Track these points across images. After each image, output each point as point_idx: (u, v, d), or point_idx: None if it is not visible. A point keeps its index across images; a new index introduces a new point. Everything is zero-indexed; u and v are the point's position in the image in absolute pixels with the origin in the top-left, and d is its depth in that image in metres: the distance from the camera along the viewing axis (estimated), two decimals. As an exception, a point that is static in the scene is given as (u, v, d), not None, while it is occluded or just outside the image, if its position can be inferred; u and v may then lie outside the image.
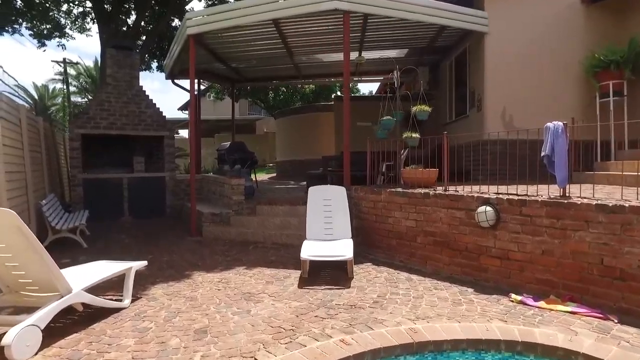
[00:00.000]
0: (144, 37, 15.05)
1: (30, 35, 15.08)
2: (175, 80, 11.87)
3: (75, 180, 9.52)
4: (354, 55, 10.90)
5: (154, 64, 16.27)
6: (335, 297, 4.45)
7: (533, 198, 4.51)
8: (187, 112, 36.04)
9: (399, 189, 6.11)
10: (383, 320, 3.72)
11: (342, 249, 5.37)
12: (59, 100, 29.41)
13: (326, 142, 15.01)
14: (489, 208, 4.77)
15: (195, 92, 8.45)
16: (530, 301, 4.09)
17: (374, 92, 15.27)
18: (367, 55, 11.21)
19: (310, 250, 5.24)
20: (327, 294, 4.56)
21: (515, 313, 3.87)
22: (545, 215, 4.33)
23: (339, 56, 11.03)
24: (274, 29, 8.42)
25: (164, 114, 10.33)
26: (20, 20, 14.44)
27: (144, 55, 14.33)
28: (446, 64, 11.39)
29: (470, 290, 4.69)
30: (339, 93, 22.18)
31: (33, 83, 46.53)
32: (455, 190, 5.54)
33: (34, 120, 7.81)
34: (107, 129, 9.74)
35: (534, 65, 8.46)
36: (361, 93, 21.03)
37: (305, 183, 13.41)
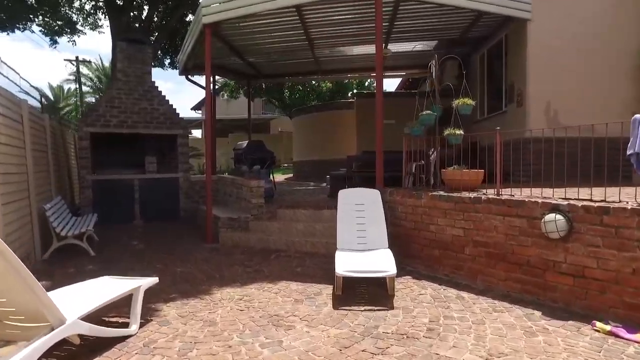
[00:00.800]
0: (156, 34, 14.52)
1: (41, 32, 14.68)
2: (190, 77, 11.29)
3: (84, 182, 8.97)
4: (378, 48, 10.20)
5: (167, 61, 15.74)
6: (380, 322, 3.74)
7: (618, 205, 3.75)
8: (200, 111, 35.62)
9: (443, 193, 5.38)
10: (449, 359, 3.01)
11: (382, 262, 4.66)
12: (74, 100, 29.18)
13: (347, 142, 14.30)
14: (559, 216, 4.02)
15: (211, 89, 7.83)
16: (623, 333, 3.33)
17: (388, 89, 14.62)
18: (393, 48, 10.50)
19: (346, 264, 4.54)
20: (369, 318, 3.86)
21: (612, 350, 3.12)
22: (636, 226, 3.57)
23: (364, 49, 10.34)
24: (297, 17, 7.75)
25: (177, 112, 9.74)
26: (32, 16, 14.03)
27: (156, 52, 13.79)
28: (476, 57, 10.61)
29: (537, 313, 3.95)
30: (355, 91, 21.50)
31: (48, 84, 46.69)
32: (511, 195, 4.80)
33: (39, 118, 7.25)
34: (117, 127, 9.17)
35: (582, 56, 7.66)
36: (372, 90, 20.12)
37: (326, 184, 12.77)
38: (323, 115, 14.88)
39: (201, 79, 14.30)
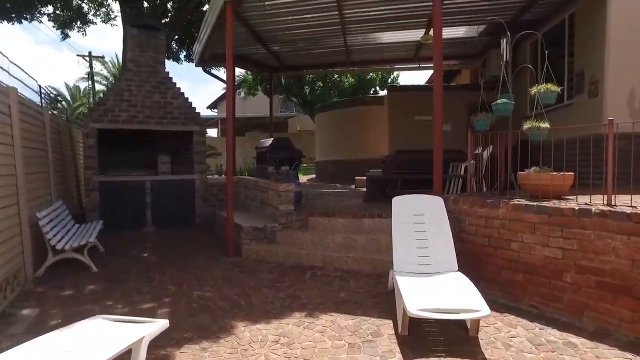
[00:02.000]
0: (169, 22, 13.56)
1: (50, 22, 13.87)
2: (207, 69, 10.29)
3: (90, 184, 8.01)
4: (417, 34, 9.05)
5: (182, 55, 14.77)
6: (482, 391, 2.63)
7: None
8: (215, 110, 34.82)
9: (530, 202, 4.23)
10: None
11: (463, 295, 3.52)
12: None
13: (375, 140, 13.16)
14: None
15: (232, 70, 6.77)
16: None
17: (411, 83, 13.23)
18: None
19: (416, 298, 3.41)
20: (462, 381, 2.75)
21: None
22: None
23: (400, 35, 9.21)
24: (331, -7, 6.67)
25: (193, 106, 8.73)
26: (41, 8, 13.23)
27: (170, 43, 12.83)
28: (526, 43, 9.40)
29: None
30: (388, 84, 20.30)
31: (65, 83, 46.48)
32: (632, 207, 3.63)
33: (36, 111, 6.29)
34: (127, 122, 8.20)
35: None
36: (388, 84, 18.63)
37: (354, 186, 11.67)
38: (349, 111, 13.76)
39: (219, 73, 13.35)
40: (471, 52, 10.74)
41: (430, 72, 13.89)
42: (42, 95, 8.07)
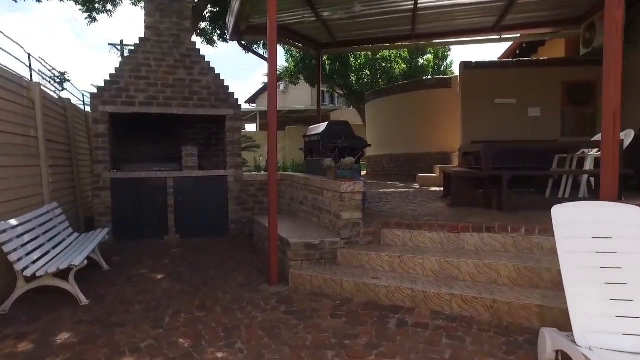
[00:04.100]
0: None
1: (77, 6, 12.64)
2: (243, 44, 8.57)
3: (101, 182, 6.45)
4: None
5: (216, 36, 13.17)
6: None
7: None
8: (254, 105, 33.45)
9: None
10: None
11: None
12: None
13: (440, 130, 11.08)
14: None
15: (275, 35, 4.78)
16: None
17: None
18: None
19: None
20: None
21: None
22: None
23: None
24: None
25: (226, 84, 7.01)
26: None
27: (200, 17, 11.21)
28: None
29: None
30: (462, 61, 18.10)
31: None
32: None
33: (15, 84, 4.71)
34: (144, 105, 6.59)
35: None
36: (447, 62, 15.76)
37: (418, 185, 9.60)
38: (408, 97, 11.70)
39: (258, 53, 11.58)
40: (570, 14, 8.45)
41: (508, 45, 11.64)
42: (36, 70, 6.53)
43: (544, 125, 8.74)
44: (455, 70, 20.21)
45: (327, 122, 5.90)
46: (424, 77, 17.65)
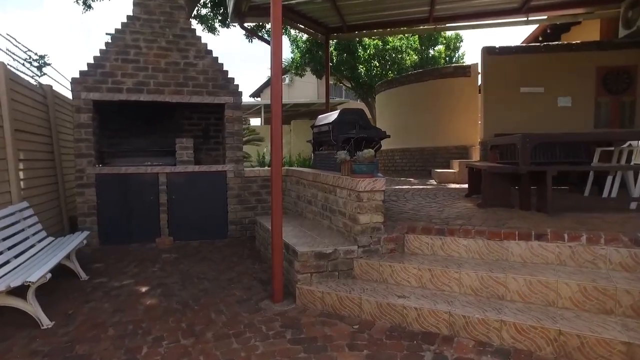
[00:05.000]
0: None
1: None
2: (245, 26, 7.82)
3: (84, 178, 5.74)
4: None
5: (218, 23, 12.40)
6: None
7: None
8: (259, 99, 32.64)
9: None
10: None
11: None
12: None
13: (461, 122, 10.26)
14: None
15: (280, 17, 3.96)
16: None
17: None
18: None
19: None
20: None
21: None
22: None
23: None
24: None
25: (225, 68, 6.27)
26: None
27: (195, 4, 10.45)
28: None
29: None
30: (484, 46, 17.20)
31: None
32: None
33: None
34: (133, 92, 5.86)
35: None
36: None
37: (437, 182, 8.78)
38: (422, 87, 10.88)
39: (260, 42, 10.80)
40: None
41: (530, 31, 10.80)
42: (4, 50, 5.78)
43: (576, 116, 7.93)
44: (468, 62, 19.35)
45: (339, 110, 5.13)
46: (440, 65, 16.81)
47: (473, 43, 68.27)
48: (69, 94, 6.05)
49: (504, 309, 2.98)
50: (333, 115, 5.16)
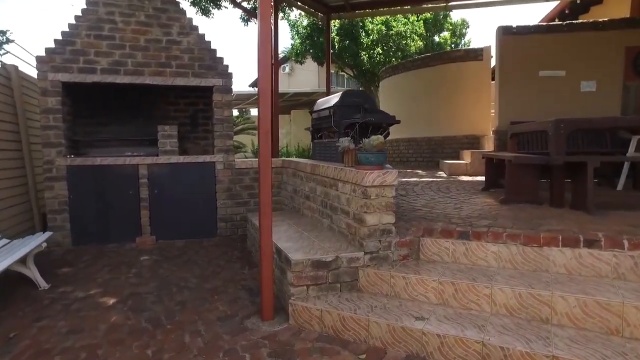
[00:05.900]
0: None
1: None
2: (238, 2, 7.09)
3: (53, 170, 5.09)
4: None
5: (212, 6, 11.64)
6: None
7: None
8: (257, 88, 31.82)
9: None
10: None
11: None
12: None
13: (473, 110, 9.55)
14: None
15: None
16: None
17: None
18: None
19: None
20: None
21: None
22: None
23: None
24: None
25: (213, 47, 5.58)
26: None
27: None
28: None
29: None
30: (500, 25, 16.46)
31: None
32: None
33: None
34: (109, 73, 5.18)
35: None
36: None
37: (446, 174, 8.05)
38: (430, 72, 10.15)
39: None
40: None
41: (551, 7, 10.05)
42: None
43: (601, 101, 7.23)
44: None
45: (341, 92, 4.45)
46: (450, 49, 16.03)
47: (479, 30, 66.92)
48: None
49: (553, 338, 2.33)
50: (335, 99, 4.48)
